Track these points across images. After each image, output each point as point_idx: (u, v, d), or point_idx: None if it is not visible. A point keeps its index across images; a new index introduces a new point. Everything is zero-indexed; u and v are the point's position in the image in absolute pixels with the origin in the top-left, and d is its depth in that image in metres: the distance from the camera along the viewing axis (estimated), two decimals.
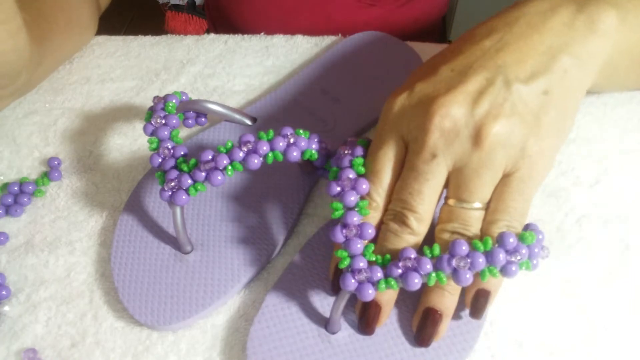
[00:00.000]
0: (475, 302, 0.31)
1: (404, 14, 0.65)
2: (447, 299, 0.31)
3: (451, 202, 0.30)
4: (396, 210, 0.30)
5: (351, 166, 0.31)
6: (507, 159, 0.29)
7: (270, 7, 0.64)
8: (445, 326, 0.31)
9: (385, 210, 0.31)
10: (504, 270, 0.27)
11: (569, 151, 0.43)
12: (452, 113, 0.28)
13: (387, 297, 0.31)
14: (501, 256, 0.27)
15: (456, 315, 0.33)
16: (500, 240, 0.28)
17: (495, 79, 0.29)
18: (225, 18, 0.70)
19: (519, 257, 0.27)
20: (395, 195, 0.31)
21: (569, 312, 0.35)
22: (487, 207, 0.30)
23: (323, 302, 0.33)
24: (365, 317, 0.31)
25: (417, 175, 0.29)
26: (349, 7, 0.63)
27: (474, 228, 0.29)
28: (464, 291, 0.32)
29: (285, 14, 0.64)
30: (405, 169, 0.30)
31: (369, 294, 0.28)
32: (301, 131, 0.34)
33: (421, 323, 0.31)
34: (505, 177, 0.29)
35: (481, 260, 0.27)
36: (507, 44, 0.30)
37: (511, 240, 0.27)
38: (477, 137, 0.28)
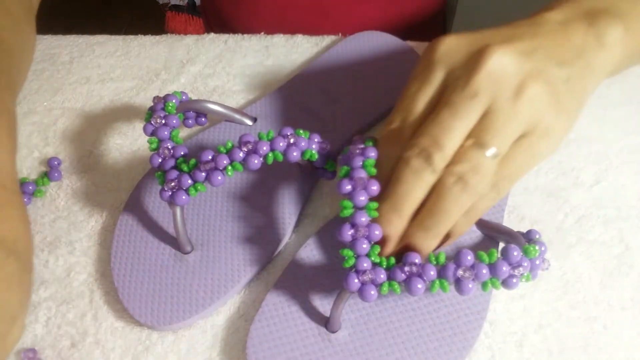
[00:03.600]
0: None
1: (401, 7, 0.65)
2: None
3: (469, 142, 0.30)
4: (423, 145, 0.29)
5: (363, 167, 0.31)
6: (531, 120, 0.30)
7: (266, 4, 0.64)
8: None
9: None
10: (506, 283, 0.28)
11: (569, 151, 0.43)
12: (504, 61, 0.30)
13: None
14: (504, 269, 0.27)
15: (456, 315, 0.33)
16: (505, 253, 0.28)
17: (537, 50, 0.31)
18: (220, 18, 0.70)
19: (521, 270, 0.28)
20: (424, 129, 0.30)
21: (569, 312, 0.35)
22: None
23: (323, 302, 0.34)
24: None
25: (454, 111, 0.29)
26: (345, 2, 0.63)
27: (480, 179, 0.29)
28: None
29: (281, 10, 0.64)
30: (441, 105, 0.30)
31: (371, 295, 0.28)
32: (301, 131, 0.34)
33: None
34: (518, 139, 0.30)
35: (485, 271, 0.27)
36: (541, 34, 0.32)
37: (515, 253, 0.28)
38: (518, 89, 0.30)
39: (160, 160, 0.33)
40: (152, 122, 0.35)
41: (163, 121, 0.35)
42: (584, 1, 0.34)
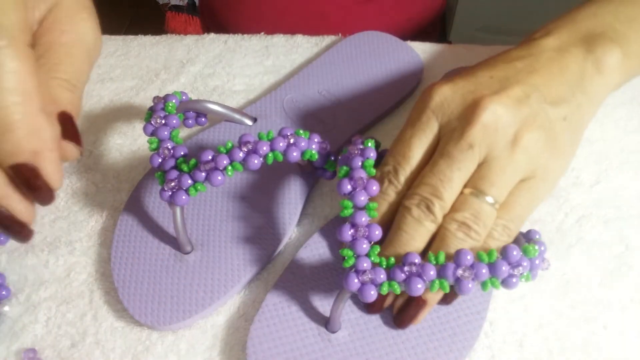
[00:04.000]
0: (407, 309, 0.31)
1: (400, 11, 0.65)
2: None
3: (467, 191, 0.31)
4: (423, 195, 0.31)
5: (362, 167, 0.31)
6: (528, 166, 0.31)
7: (264, 7, 0.64)
8: (425, 314, 0.32)
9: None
10: (505, 282, 0.28)
11: None
12: (498, 112, 0.30)
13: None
14: (504, 268, 0.27)
15: (456, 315, 0.33)
16: (504, 252, 0.28)
17: (531, 94, 0.31)
18: (218, 21, 0.70)
19: (520, 270, 0.28)
20: (422, 179, 0.31)
21: (569, 312, 0.35)
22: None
23: (323, 302, 0.34)
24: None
25: (451, 162, 0.30)
26: (344, 5, 0.63)
27: (482, 224, 0.30)
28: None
29: (279, 13, 0.64)
30: (437, 156, 0.31)
31: (371, 295, 0.28)
32: (301, 131, 0.34)
33: (404, 305, 0.32)
34: (519, 183, 0.31)
35: (484, 271, 0.27)
36: (536, 70, 0.33)
37: (514, 253, 0.28)
38: (514, 138, 0.30)
39: (160, 160, 0.33)
40: (152, 122, 0.35)
41: (163, 121, 0.35)
42: (581, 25, 0.35)
